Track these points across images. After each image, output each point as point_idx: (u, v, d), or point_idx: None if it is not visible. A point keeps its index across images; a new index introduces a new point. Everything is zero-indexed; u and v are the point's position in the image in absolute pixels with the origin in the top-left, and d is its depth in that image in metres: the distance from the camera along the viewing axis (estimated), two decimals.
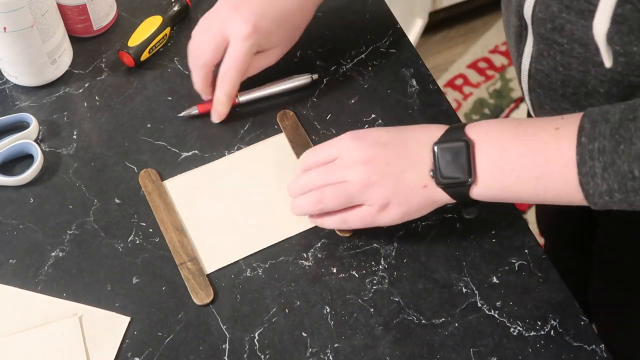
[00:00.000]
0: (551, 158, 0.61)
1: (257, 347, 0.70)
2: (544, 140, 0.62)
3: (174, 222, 0.76)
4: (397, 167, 0.67)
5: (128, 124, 0.84)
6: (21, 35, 0.79)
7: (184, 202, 0.78)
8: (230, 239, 0.76)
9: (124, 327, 0.70)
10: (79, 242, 0.75)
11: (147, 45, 0.87)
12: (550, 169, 0.61)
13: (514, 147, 0.63)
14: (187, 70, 0.89)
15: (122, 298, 0.72)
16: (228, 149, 0.82)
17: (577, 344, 0.70)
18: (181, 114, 0.84)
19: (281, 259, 0.75)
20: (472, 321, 0.71)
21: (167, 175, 0.80)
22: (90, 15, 0.88)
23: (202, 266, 0.74)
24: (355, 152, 0.69)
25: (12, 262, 0.74)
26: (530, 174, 0.63)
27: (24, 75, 0.85)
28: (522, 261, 0.75)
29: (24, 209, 0.77)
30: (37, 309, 0.71)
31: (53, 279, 0.73)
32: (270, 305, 0.72)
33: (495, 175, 0.65)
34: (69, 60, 0.88)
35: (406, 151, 0.68)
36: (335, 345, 0.70)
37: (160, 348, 0.69)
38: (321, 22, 0.93)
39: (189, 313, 0.71)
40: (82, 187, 0.79)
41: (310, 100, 0.86)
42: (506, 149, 0.64)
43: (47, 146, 0.82)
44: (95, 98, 0.86)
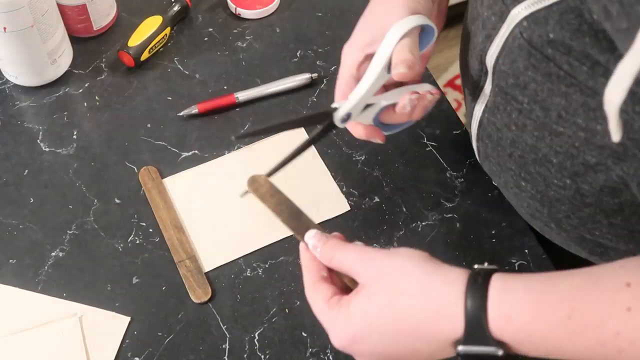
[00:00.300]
0: (625, 348, 0.46)
1: (257, 347, 0.70)
2: (615, 330, 0.47)
3: (173, 220, 0.76)
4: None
5: (128, 124, 0.84)
6: (21, 35, 0.79)
7: (183, 200, 0.78)
8: (229, 238, 0.76)
9: (124, 327, 0.70)
10: (79, 242, 0.75)
11: (147, 45, 0.87)
12: (625, 357, 0.47)
13: (573, 347, 0.48)
14: (187, 70, 0.89)
15: (122, 298, 0.72)
16: (228, 149, 0.82)
17: None
18: (181, 113, 0.84)
19: (281, 259, 0.75)
20: None
21: (166, 175, 0.80)
22: (90, 15, 0.88)
23: (201, 264, 0.74)
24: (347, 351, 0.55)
25: (12, 262, 0.74)
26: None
27: (24, 75, 0.85)
28: (522, 261, 0.75)
29: (24, 209, 0.77)
30: (37, 309, 0.71)
31: (53, 279, 0.73)
32: (270, 305, 0.72)
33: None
34: (69, 60, 0.88)
35: (422, 348, 0.52)
36: None
37: (160, 348, 0.69)
38: (321, 22, 0.93)
39: (189, 313, 0.71)
40: (82, 187, 0.79)
41: (310, 100, 0.86)
42: (561, 349, 0.49)
43: (47, 146, 0.82)
44: (95, 98, 0.86)
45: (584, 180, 0.60)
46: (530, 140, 0.62)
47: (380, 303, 0.53)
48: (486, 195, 0.79)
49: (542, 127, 0.60)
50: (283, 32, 0.93)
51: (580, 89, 0.55)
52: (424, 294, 0.51)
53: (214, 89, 0.87)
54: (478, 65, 0.65)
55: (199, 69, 0.89)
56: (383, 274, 0.53)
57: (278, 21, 0.94)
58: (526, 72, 0.58)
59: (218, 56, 0.90)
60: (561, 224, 0.67)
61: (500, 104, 0.63)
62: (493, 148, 0.68)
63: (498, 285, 0.50)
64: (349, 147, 0.82)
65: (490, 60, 0.62)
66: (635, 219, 0.61)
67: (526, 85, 0.59)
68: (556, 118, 0.58)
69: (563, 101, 0.57)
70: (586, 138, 0.57)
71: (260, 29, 0.93)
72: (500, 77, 0.62)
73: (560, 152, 0.60)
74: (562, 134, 0.58)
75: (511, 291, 0.49)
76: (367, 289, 0.54)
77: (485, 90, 0.65)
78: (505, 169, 0.68)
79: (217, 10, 0.95)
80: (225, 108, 0.85)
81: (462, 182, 0.80)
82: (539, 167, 0.63)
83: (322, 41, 0.92)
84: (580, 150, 0.58)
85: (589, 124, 0.56)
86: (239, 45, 0.91)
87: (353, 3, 0.95)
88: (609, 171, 0.58)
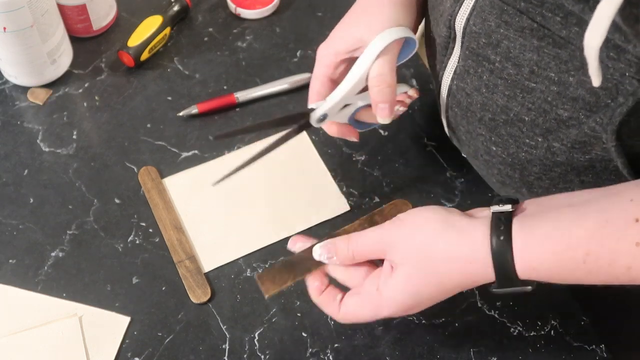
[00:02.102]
0: (636, 277, 0.52)
1: (257, 347, 0.70)
2: (626, 265, 0.52)
3: (173, 220, 0.76)
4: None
5: (128, 124, 0.84)
6: (21, 35, 0.79)
7: (183, 200, 0.78)
8: (229, 238, 0.76)
9: (124, 327, 0.70)
10: (79, 242, 0.75)
11: (147, 45, 0.87)
12: (636, 278, 0.53)
13: (589, 280, 0.55)
14: (187, 70, 0.89)
15: (122, 298, 0.72)
16: (228, 149, 0.82)
17: (577, 344, 0.70)
18: (180, 113, 0.84)
19: (281, 259, 0.75)
20: (472, 321, 0.71)
21: (166, 174, 0.80)
22: (90, 15, 0.88)
23: (200, 264, 0.74)
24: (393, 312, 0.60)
25: (12, 262, 0.74)
26: (605, 279, 0.54)
27: (24, 75, 0.85)
28: None
29: (24, 209, 0.77)
30: (37, 309, 0.71)
31: (53, 279, 0.73)
32: (270, 305, 0.72)
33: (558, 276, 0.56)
34: (68, 60, 0.88)
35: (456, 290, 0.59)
36: (335, 345, 0.70)
37: (160, 348, 0.69)
38: (321, 22, 0.93)
39: (188, 313, 0.71)
40: (82, 187, 0.79)
41: None
42: (578, 280, 0.55)
43: (47, 146, 0.82)
44: (95, 98, 0.86)
45: (555, 137, 0.61)
46: (502, 101, 0.63)
47: (419, 280, 0.58)
48: (486, 195, 0.79)
49: (514, 85, 0.61)
50: (283, 32, 0.93)
51: (553, 40, 0.56)
52: (454, 260, 0.57)
53: (214, 89, 0.87)
54: (446, 32, 0.66)
55: (198, 69, 0.89)
56: (411, 252, 0.58)
57: (278, 21, 0.94)
58: (498, 30, 0.59)
59: (218, 56, 0.90)
60: (532, 188, 0.68)
61: (471, 67, 0.64)
62: (462, 115, 0.69)
63: (520, 243, 0.55)
64: (349, 147, 0.82)
65: (460, 23, 0.63)
66: (606, 175, 0.62)
67: (498, 43, 0.60)
68: (528, 74, 0.59)
69: (535, 56, 0.58)
70: (559, 92, 0.58)
71: (260, 29, 0.93)
72: (471, 39, 0.62)
73: (532, 109, 0.61)
74: (534, 90, 0.60)
75: (532, 246, 0.55)
76: (402, 269, 0.58)
77: (454, 56, 0.66)
78: (475, 135, 0.69)
79: (217, 10, 0.95)
80: (225, 108, 0.85)
81: (462, 182, 0.80)
82: (510, 127, 0.64)
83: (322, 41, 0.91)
84: (552, 105, 0.59)
85: (561, 76, 0.57)
86: (239, 45, 0.91)
87: (353, 3, 0.95)
88: (581, 125, 0.59)
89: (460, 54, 0.65)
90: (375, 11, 0.68)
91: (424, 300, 0.59)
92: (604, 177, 0.62)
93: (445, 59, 0.68)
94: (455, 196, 0.79)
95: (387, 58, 0.66)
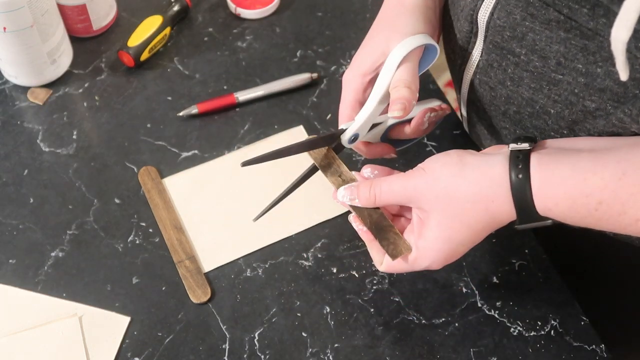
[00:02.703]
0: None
1: (257, 347, 0.70)
2: (635, 217, 0.54)
3: (173, 220, 0.76)
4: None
5: (128, 124, 0.84)
6: (21, 35, 0.79)
7: (183, 200, 0.78)
8: (229, 238, 0.76)
9: (124, 327, 0.70)
10: (79, 242, 0.75)
11: (147, 45, 0.87)
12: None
13: (600, 225, 0.57)
14: (187, 70, 0.89)
15: (122, 298, 0.72)
16: (228, 149, 0.82)
17: (577, 344, 0.70)
18: (180, 113, 0.84)
19: (281, 259, 0.75)
20: (472, 321, 0.71)
21: (166, 174, 0.80)
22: (90, 15, 0.88)
23: (200, 264, 0.74)
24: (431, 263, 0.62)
25: (12, 262, 0.74)
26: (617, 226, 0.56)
27: (24, 75, 0.85)
28: (522, 261, 0.75)
29: (24, 209, 0.77)
30: (37, 309, 0.71)
31: (53, 279, 0.73)
32: (270, 305, 0.72)
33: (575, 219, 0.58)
34: (68, 60, 0.88)
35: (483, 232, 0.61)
36: (335, 345, 0.70)
37: (160, 348, 0.69)
38: (321, 22, 0.93)
39: (188, 313, 0.71)
40: (82, 187, 0.79)
41: (310, 100, 0.86)
42: (589, 223, 0.57)
43: (47, 146, 0.82)
44: (95, 98, 0.86)
45: (582, 128, 0.61)
46: (527, 94, 0.63)
47: (450, 224, 0.60)
48: None
49: (540, 78, 0.61)
50: (283, 32, 0.93)
51: (581, 31, 0.56)
52: (477, 200, 0.58)
53: (214, 89, 0.87)
54: (467, 27, 0.66)
55: (199, 69, 0.89)
56: (437, 198, 0.59)
57: (278, 21, 0.94)
58: (523, 23, 0.59)
59: (218, 56, 0.90)
60: None
61: (495, 61, 0.64)
62: (485, 110, 0.69)
63: (537, 181, 0.56)
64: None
65: (483, 18, 0.63)
66: None
67: (524, 36, 0.60)
68: (555, 66, 0.59)
69: (562, 47, 0.58)
70: (586, 83, 0.58)
71: (260, 29, 0.93)
72: (495, 33, 0.63)
73: (559, 101, 0.61)
74: (561, 82, 0.60)
75: (549, 187, 0.56)
76: (432, 218, 0.60)
77: (475, 51, 0.66)
78: (499, 128, 0.69)
79: (217, 10, 0.95)
80: (225, 108, 0.85)
81: None
82: (536, 120, 0.64)
83: (322, 41, 0.92)
84: (579, 97, 0.59)
85: (588, 68, 0.57)
86: (239, 45, 0.91)
87: (353, 3, 0.95)
88: (609, 115, 0.59)
89: (483, 48, 0.65)
90: (393, 23, 0.68)
91: (458, 246, 0.60)
92: None
93: (467, 54, 0.68)
94: None
95: (408, 65, 0.66)
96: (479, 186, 0.58)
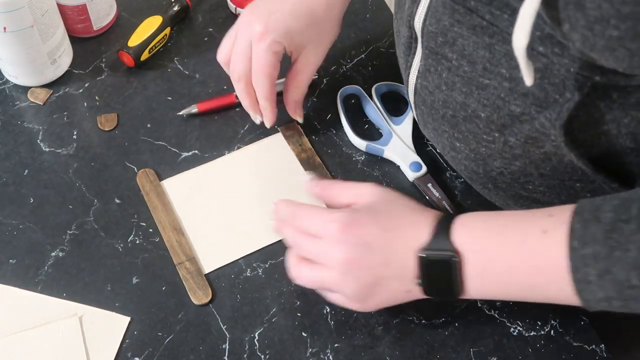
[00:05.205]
0: (542, 266, 0.57)
1: (257, 347, 0.70)
2: (532, 248, 0.57)
3: (172, 221, 0.76)
4: (379, 273, 0.63)
5: (128, 124, 0.84)
6: (21, 35, 0.79)
7: (182, 202, 0.78)
8: (229, 239, 0.76)
9: (124, 327, 0.70)
10: (79, 242, 0.75)
11: (147, 45, 0.87)
12: (542, 278, 0.57)
13: (502, 259, 0.59)
14: (187, 70, 0.89)
15: (122, 298, 0.72)
16: (228, 149, 0.82)
17: (577, 344, 0.70)
18: (180, 112, 0.84)
19: (281, 259, 0.75)
20: (472, 321, 0.71)
21: (167, 175, 0.80)
22: (90, 15, 0.88)
23: (201, 266, 0.74)
24: (338, 247, 0.63)
25: (12, 262, 0.74)
26: (522, 284, 0.59)
27: (24, 75, 0.85)
28: None
29: (24, 209, 0.77)
30: (37, 309, 0.71)
31: (53, 279, 0.73)
32: (270, 305, 0.72)
33: (483, 288, 0.61)
34: (69, 60, 0.88)
35: (391, 256, 0.62)
36: (335, 345, 0.70)
37: (160, 348, 0.69)
38: None
39: (188, 313, 0.71)
40: (82, 187, 0.79)
41: (310, 100, 0.86)
42: (493, 260, 0.60)
43: (47, 146, 0.82)
44: (95, 98, 0.86)
45: (510, 132, 0.62)
46: (460, 98, 0.64)
47: (377, 207, 0.65)
48: None
49: (470, 82, 0.62)
50: None
51: (503, 37, 0.57)
52: (402, 222, 0.64)
53: (214, 89, 0.87)
54: (408, 32, 0.68)
55: (199, 69, 0.89)
56: (377, 202, 0.65)
57: None
58: (452, 29, 0.61)
59: None
60: (497, 183, 0.70)
61: (432, 66, 0.66)
62: (428, 113, 0.70)
63: (461, 219, 0.62)
64: (349, 147, 0.82)
65: (418, 24, 0.65)
66: (562, 167, 0.63)
67: (454, 41, 0.61)
68: (482, 71, 0.60)
69: (487, 53, 0.59)
70: (510, 88, 0.59)
71: None
72: (429, 38, 0.64)
73: (488, 105, 0.62)
74: (488, 86, 0.61)
75: (469, 220, 0.62)
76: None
77: (417, 56, 0.68)
78: (440, 132, 0.70)
79: (217, 10, 0.95)
80: (225, 108, 0.85)
81: (462, 182, 0.80)
82: (469, 124, 0.65)
83: None
84: (505, 101, 0.60)
85: (512, 72, 0.58)
86: None
87: (353, 3, 0.95)
88: (533, 120, 0.60)
89: (422, 54, 0.67)
90: None
91: (364, 242, 0.63)
92: (561, 169, 0.63)
93: (410, 59, 0.69)
94: (455, 196, 0.79)
95: None
96: (401, 223, 0.64)
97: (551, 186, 0.66)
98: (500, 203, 0.75)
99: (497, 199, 0.74)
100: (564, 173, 0.64)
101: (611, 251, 0.53)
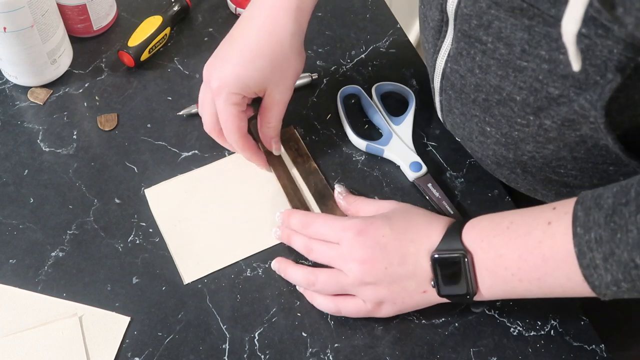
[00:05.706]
0: (549, 256, 0.59)
1: (257, 347, 0.70)
2: (538, 238, 0.60)
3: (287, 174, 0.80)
4: (395, 273, 0.66)
5: (128, 124, 0.84)
6: (21, 35, 0.79)
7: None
8: (229, 241, 0.76)
9: (124, 327, 0.70)
10: (79, 242, 0.75)
11: (147, 45, 0.87)
12: (550, 267, 0.59)
13: (510, 253, 0.61)
14: (187, 70, 0.89)
15: (122, 298, 0.72)
16: (228, 149, 0.82)
17: (577, 344, 0.70)
18: (180, 112, 0.84)
19: None
20: (472, 321, 0.71)
21: (167, 175, 0.80)
22: (90, 15, 0.88)
23: (202, 264, 0.74)
24: (356, 249, 0.67)
25: (12, 262, 0.74)
26: (532, 276, 0.61)
27: (24, 75, 0.85)
28: None
29: (24, 209, 0.77)
30: (37, 309, 0.71)
31: (53, 279, 0.73)
32: (270, 305, 0.72)
33: (496, 283, 0.63)
34: (69, 60, 0.88)
35: (406, 258, 0.66)
36: (335, 345, 0.70)
37: (160, 348, 0.69)
38: (321, 22, 0.93)
39: (188, 313, 0.71)
40: (82, 187, 0.79)
41: (310, 100, 0.86)
42: (502, 255, 0.62)
43: (47, 146, 0.82)
44: (95, 98, 0.86)
45: (547, 115, 0.62)
46: (494, 81, 0.64)
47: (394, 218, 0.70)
48: (486, 195, 0.79)
49: (506, 65, 0.62)
50: None
51: (543, 19, 0.56)
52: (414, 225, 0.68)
53: None
54: (438, 16, 0.67)
55: (199, 69, 0.89)
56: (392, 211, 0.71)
57: None
58: (489, 11, 0.60)
59: None
60: (527, 167, 0.70)
61: (464, 49, 0.65)
62: (456, 98, 0.70)
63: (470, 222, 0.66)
64: (349, 147, 0.82)
65: (452, 6, 0.64)
66: (597, 151, 0.63)
67: (490, 23, 0.61)
68: (520, 53, 0.60)
69: (526, 35, 0.58)
70: (549, 70, 0.59)
71: None
72: (463, 21, 0.63)
73: (524, 87, 0.62)
74: (525, 69, 0.60)
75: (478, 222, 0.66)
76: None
77: (447, 40, 0.68)
78: (469, 117, 0.70)
79: (217, 10, 0.95)
80: None
81: (462, 182, 0.80)
82: (503, 107, 0.65)
83: (322, 41, 0.92)
84: (543, 83, 0.60)
85: (552, 54, 0.58)
86: None
87: (353, 3, 0.95)
88: (571, 102, 0.59)
89: (453, 37, 0.66)
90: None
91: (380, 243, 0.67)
92: (595, 152, 0.63)
93: (439, 43, 0.69)
94: (455, 196, 0.79)
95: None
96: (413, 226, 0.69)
97: (584, 170, 0.66)
98: (526, 189, 0.75)
99: (524, 183, 0.74)
100: (598, 156, 0.64)
101: (613, 234, 0.54)
